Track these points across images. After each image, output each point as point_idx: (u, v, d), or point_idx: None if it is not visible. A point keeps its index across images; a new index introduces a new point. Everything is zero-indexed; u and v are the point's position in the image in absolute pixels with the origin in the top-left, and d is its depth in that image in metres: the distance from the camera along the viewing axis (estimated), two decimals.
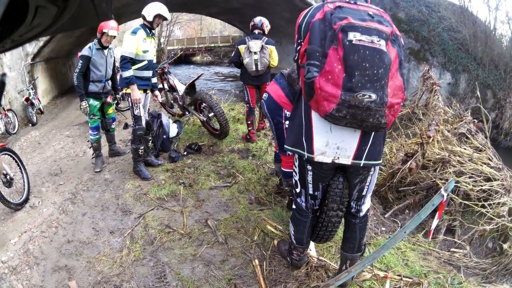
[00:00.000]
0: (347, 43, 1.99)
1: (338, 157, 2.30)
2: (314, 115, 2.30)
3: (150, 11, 4.90)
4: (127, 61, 4.81)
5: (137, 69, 4.96)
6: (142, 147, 5.19)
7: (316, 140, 2.30)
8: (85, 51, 5.31)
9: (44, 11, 0.49)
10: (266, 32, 6.44)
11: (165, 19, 5.05)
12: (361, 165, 2.32)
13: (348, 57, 1.98)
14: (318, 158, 2.32)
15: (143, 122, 5.13)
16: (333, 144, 2.28)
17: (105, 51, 5.43)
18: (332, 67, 2.02)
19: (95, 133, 5.67)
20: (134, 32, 4.87)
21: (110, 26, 5.15)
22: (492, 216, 3.71)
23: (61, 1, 0.50)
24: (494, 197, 3.86)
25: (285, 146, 2.64)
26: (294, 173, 2.73)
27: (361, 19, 2.06)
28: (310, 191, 2.60)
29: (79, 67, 5.26)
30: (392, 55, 2.05)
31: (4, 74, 0.56)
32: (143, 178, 5.11)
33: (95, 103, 5.52)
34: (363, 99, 1.99)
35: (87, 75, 5.36)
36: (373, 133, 2.27)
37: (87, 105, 5.40)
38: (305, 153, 2.37)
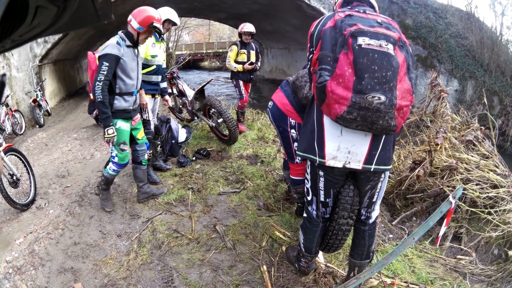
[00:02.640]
0: (357, 47, 2.06)
1: (349, 162, 2.33)
2: (326, 120, 2.33)
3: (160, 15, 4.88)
4: None
5: (146, 73, 4.89)
6: (151, 151, 5.16)
7: (328, 145, 2.33)
8: (112, 49, 3.71)
9: (44, 11, 0.50)
10: (242, 38, 7.05)
11: (174, 24, 5.05)
12: (372, 169, 2.34)
13: (357, 60, 2.05)
14: (329, 162, 2.35)
15: (152, 127, 5.09)
16: (344, 149, 2.30)
17: (136, 51, 4.00)
18: (343, 71, 2.07)
19: (119, 170, 4.26)
20: None
21: (159, 17, 4.01)
22: (498, 223, 3.70)
23: (61, 1, 0.51)
24: (500, 204, 3.85)
25: (297, 152, 2.67)
26: (306, 181, 2.74)
27: (369, 26, 2.14)
28: (322, 198, 2.61)
29: (104, 73, 3.64)
30: (400, 59, 2.11)
31: (4, 75, 0.55)
32: (151, 182, 5.06)
33: (125, 126, 4.05)
34: (373, 101, 2.03)
35: (112, 85, 3.83)
36: (383, 138, 2.30)
37: (115, 132, 3.85)
38: (317, 158, 2.39)
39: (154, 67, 4.97)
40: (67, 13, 0.53)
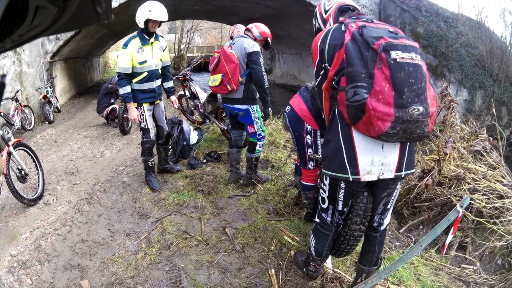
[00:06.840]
0: (392, 62, 2.05)
1: (383, 173, 2.34)
2: (356, 136, 2.31)
3: (139, 17, 4.39)
4: (122, 78, 4.48)
5: (138, 82, 4.60)
6: (152, 159, 5.00)
7: (361, 161, 2.32)
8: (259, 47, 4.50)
9: (44, 11, 0.50)
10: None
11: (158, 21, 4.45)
12: (402, 175, 2.39)
13: (395, 75, 2.05)
14: (364, 178, 2.33)
15: (151, 134, 4.86)
16: (377, 162, 2.31)
17: None
18: (382, 87, 2.06)
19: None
20: (125, 45, 4.49)
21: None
22: (503, 233, 3.70)
23: (61, 1, 0.50)
24: (506, 215, 3.85)
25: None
26: (322, 191, 2.73)
27: (393, 38, 2.15)
28: (339, 208, 2.62)
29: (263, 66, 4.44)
30: (424, 68, 2.16)
31: (4, 76, 0.56)
32: (151, 188, 4.96)
33: None
34: (414, 113, 2.06)
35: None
36: (408, 143, 2.34)
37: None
38: (350, 176, 2.35)
39: (145, 74, 4.62)
40: (67, 13, 0.53)
